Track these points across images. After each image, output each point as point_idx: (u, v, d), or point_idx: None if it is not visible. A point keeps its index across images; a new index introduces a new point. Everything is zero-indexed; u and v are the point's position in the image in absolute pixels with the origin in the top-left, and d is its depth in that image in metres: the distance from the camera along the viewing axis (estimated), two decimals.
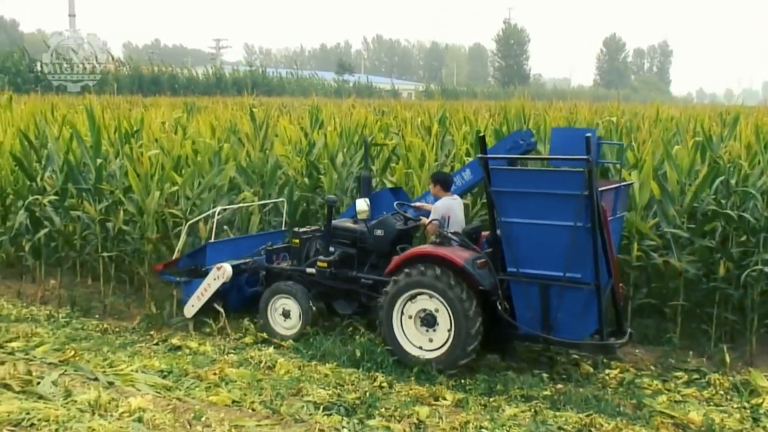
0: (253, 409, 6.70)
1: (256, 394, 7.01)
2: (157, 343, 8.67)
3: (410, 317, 7.91)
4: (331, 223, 8.99)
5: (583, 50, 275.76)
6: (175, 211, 9.91)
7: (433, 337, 7.81)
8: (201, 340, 8.71)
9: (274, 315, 8.95)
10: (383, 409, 6.74)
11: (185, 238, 9.70)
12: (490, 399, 7.11)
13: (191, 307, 9.24)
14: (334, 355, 8.08)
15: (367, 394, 7.06)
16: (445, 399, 7.06)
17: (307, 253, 9.22)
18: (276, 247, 9.52)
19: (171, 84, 55.23)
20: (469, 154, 10.71)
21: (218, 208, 9.77)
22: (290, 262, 9.37)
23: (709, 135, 9.96)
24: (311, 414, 6.62)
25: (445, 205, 8.45)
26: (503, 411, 6.83)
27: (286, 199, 10.70)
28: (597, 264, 7.04)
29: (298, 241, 9.26)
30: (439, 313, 7.74)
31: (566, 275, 7.12)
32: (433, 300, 7.74)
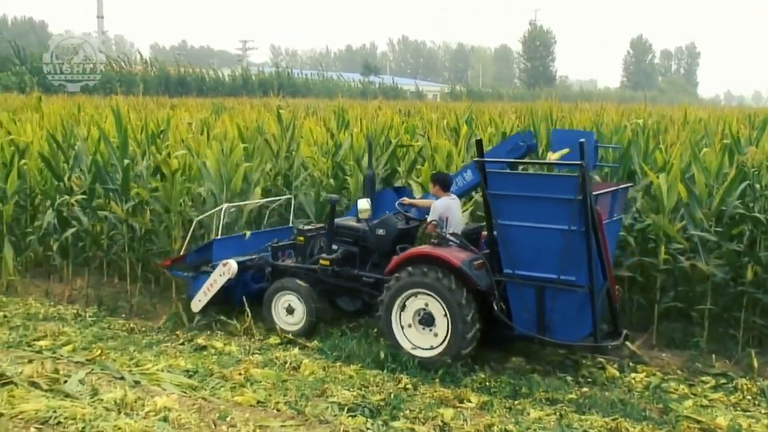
0: (278, 410, 6.72)
1: (281, 395, 7.03)
2: (183, 343, 8.71)
3: (409, 316, 8.02)
4: (333, 222, 9.09)
5: (610, 52, 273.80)
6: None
7: (431, 336, 7.92)
8: (226, 341, 8.75)
9: (279, 311, 9.06)
10: (408, 411, 6.73)
11: (191, 235, 9.89)
12: (515, 402, 7.08)
13: (198, 302, 9.39)
14: (359, 357, 8.08)
15: (392, 396, 7.05)
16: (469, 401, 7.03)
17: (312, 251, 9.34)
18: (281, 244, 9.63)
19: (198, 85, 55.60)
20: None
21: (224, 206, 9.91)
22: (295, 259, 9.47)
23: (737, 138, 9.85)
24: (336, 415, 6.62)
25: (443, 205, 8.47)
26: (528, 414, 6.79)
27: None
28: (591, 267, 7.14)
29: (303, 239, 9.36)
30: (437, 312, 7.84)
31: (561, 278, 7.23)
32: (431, 300, 7.84)
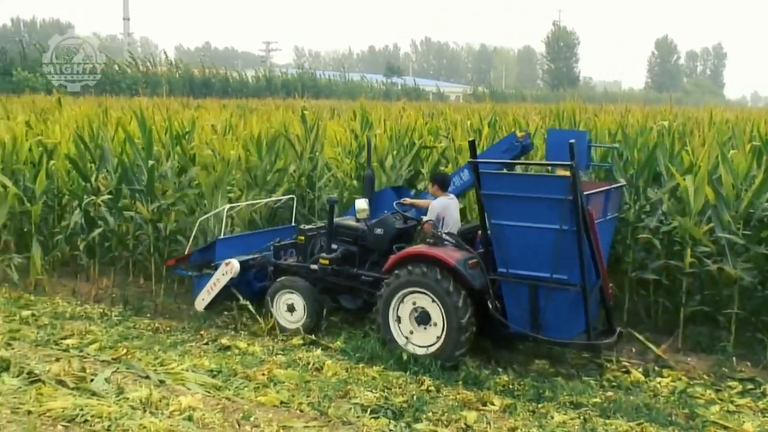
0: (301, 411, 6.73)
1: (304, 396, 7.05)
2: (207, 343, 8.76)
3: (405, 314, 8.14)
4: (333, 222, 9.20)
5: (634, 53, 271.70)
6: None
7: (427, 334, 8.03)
8: (250, 341, 8.78)
9: (280, 309, 9.17)
10: (430, 413, 6.72)
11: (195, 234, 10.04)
12: (539, 405, 7.04)
13: (202, 301, 9.59)
14: (382, 358, 8.07)
15: (415, 398, 7.04)
16: (493, 404, 7.01)
17: (312, 250, 9.47)
18: (283, 244, 9.76)
19: (222, 86, 55.93)
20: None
21: (227, 206, 10.09)
22: (296, 258, 9.59)
23: (766, 139, 9.74)
24: (359, 416, 6.63)
25: (441, 204, 8.61)
26: (552, 418, 6.75)
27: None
28: (583, 266, 7.25)
29: (304, 238, 9.49)
30: (432, 310, 7.96)
31: (553, 276, 7.35)
32: (427, 298, 7.96)
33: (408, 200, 9.29)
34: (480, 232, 8.16)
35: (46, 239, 11.54)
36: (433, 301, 7.90)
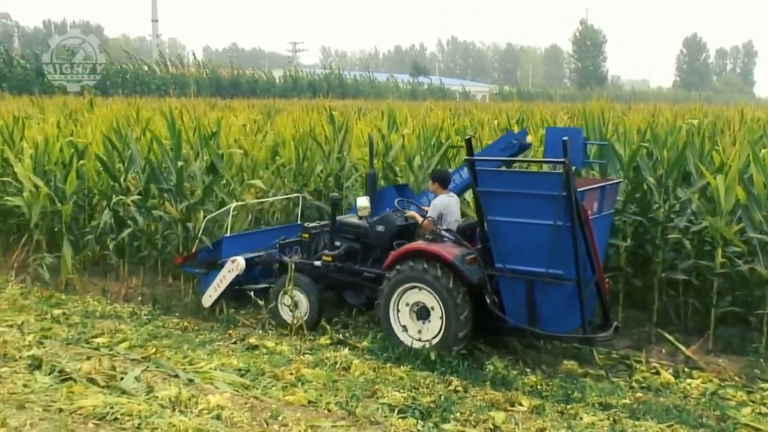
0: (329, 410, 6.75)
1: (331, 395, 7.06)
2: (235, 342, 8.80)
3: (405, 309, 8.29)
4: (335, 219, 9.32)
5: (662, 51, 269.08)
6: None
7: (427, 329, 8.17)
8: (278, 340, 8.81)
9: (284, 305, 9.27)
10: (458, 414, 6.69)
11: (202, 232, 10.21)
12: (567, 406, 6.99)
13: (209, 297, 9.77)
14: (409, 358, 8.05)
15: (442, 398, 7.03)
16: (521, 405, 6.97)
17: (316, 247, 9.60)
18: (288, 241, 9.89)
19: (250, 87, 56.26)
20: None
21: (233, 204, 10.23)
22: (301, 255, 9.71)
23: None
24: (386, 416, 6.63)
25: (442, 202, 8.78)
26: (581, 419, 6.70)
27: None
28: (578, 261, 7.33)
29: (308, 236, 9.64)
30: (432, 305, 8.10)
31: (549, 271, 7.45)
32: (426, 293, 8.10)
33: (409, 213, 9.30)
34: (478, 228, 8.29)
35: (77, 239, 11.67)
36: (432, 296, 8.06)
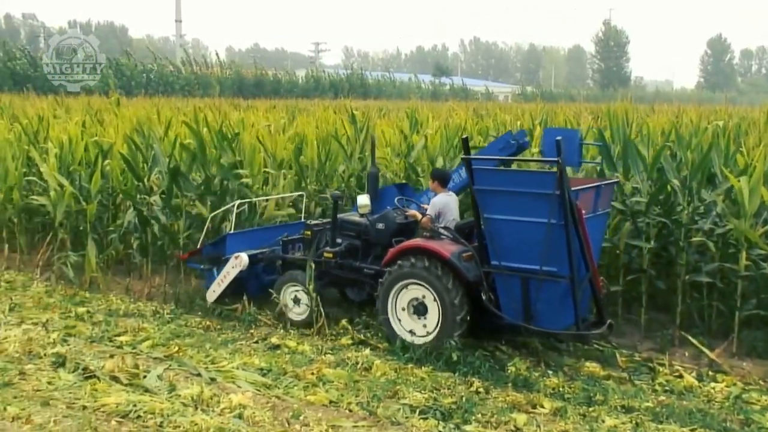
0: (350, 410, 6.76)
1: (353, 395, 7.07)
2: (257, 342, 8.83)
3: (403, 304, 8.48)
4: (337, 217, 9.45)
5: (686, 52, 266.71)
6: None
7: (424, 324, 8.37)
8: (299, 340, 8.83)
9: (287, 301, 9.46)
10: (479, 415, 6.68)
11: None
12: (590, 409, 6.95)
13: (212, 293, 9.97)
14: (430, 359, 8.05)
15: (464, 399, 7.02)
16: (543, 407, 6.94)
17: (318, 244, 9.70)
18: (291, 238, 10.04)
19: (273, 87, 56.48)
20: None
21: (236, 202, 10.38)
22: (304, 252, 9.86)
23: None
24: (407, 417, 6.63)
25: (441, 201, 8.97)
26: (603, 422, 6.66)
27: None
28: (571, 258, 7.46)
29: (310, 233, 9.75)
30: (429, 301, 8.29)
31: (543, 269, 7.59)
32: (423, 289, 8.29)
33: (411, 212, 9.42)
34: None
35: (101, 238, 11.76)
36: (429, 292, 8.23)
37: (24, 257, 12.54)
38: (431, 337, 8.26)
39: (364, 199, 9.31)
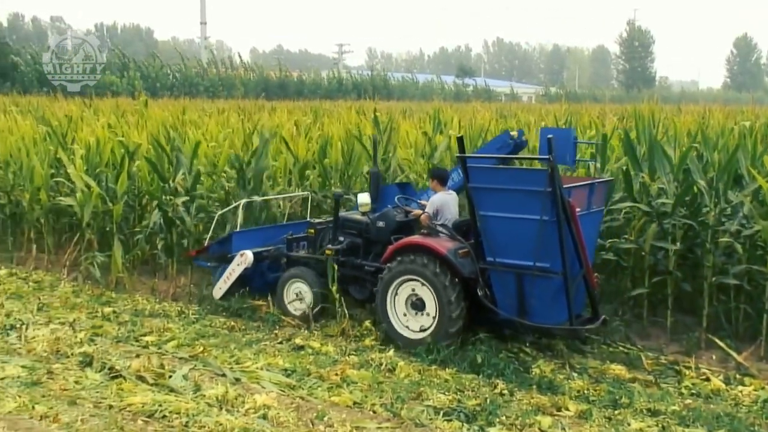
0: (374, 412, 6.76)
1: (376, 397, 7.07)
2: (281, 342, 8.85)
3: (402, 300, 8.63)
4: (338, 215, 9.61)
5: (712, 51, 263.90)
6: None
7: (422, 320, 8.51)
8: (323, 341, 8.85)
9: (290, 297, 9.71)
10: (504, 417, 6.66)
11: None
12: (615, 411, 6.90)
13: (219, 290, 10.24)
14: (454, 361, 8.04)
15: (488, 401, 6.99)
16: (567, 410, 6.90)
17: (321, 242, 9.90)
18: (296, 237, 10.20)
19: (297, 88, 56.68)
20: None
21: (243, 201, 10.65)
22: (307, 250, 10.03)
23: None
24: (431, 419, 6.62)
25: (439, 199, 9.16)
26: (629, 425, 6.61)
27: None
28: (564, 255, 7.59)
29: (314, 231, 9.95)
30: (426, 297, 8.42)
31: (536, 265, 7.73)
32: (421, 285, 8.44)
33: (415, 212, 9.55)
34: None
35: (127, 238, 11.87)
36: (426, 288, 8.36)
37: (51, 257, 12.67)
38: (428, 332, 8.40)
39: (365, 198, 9.56)
